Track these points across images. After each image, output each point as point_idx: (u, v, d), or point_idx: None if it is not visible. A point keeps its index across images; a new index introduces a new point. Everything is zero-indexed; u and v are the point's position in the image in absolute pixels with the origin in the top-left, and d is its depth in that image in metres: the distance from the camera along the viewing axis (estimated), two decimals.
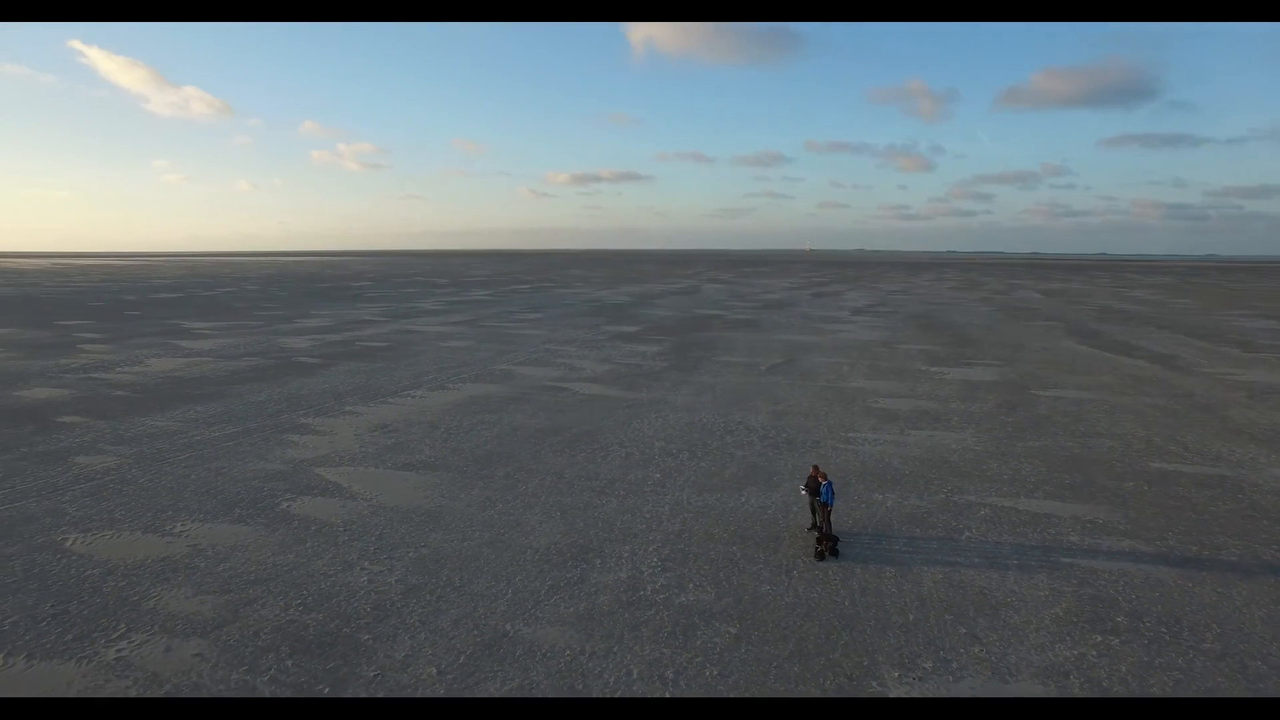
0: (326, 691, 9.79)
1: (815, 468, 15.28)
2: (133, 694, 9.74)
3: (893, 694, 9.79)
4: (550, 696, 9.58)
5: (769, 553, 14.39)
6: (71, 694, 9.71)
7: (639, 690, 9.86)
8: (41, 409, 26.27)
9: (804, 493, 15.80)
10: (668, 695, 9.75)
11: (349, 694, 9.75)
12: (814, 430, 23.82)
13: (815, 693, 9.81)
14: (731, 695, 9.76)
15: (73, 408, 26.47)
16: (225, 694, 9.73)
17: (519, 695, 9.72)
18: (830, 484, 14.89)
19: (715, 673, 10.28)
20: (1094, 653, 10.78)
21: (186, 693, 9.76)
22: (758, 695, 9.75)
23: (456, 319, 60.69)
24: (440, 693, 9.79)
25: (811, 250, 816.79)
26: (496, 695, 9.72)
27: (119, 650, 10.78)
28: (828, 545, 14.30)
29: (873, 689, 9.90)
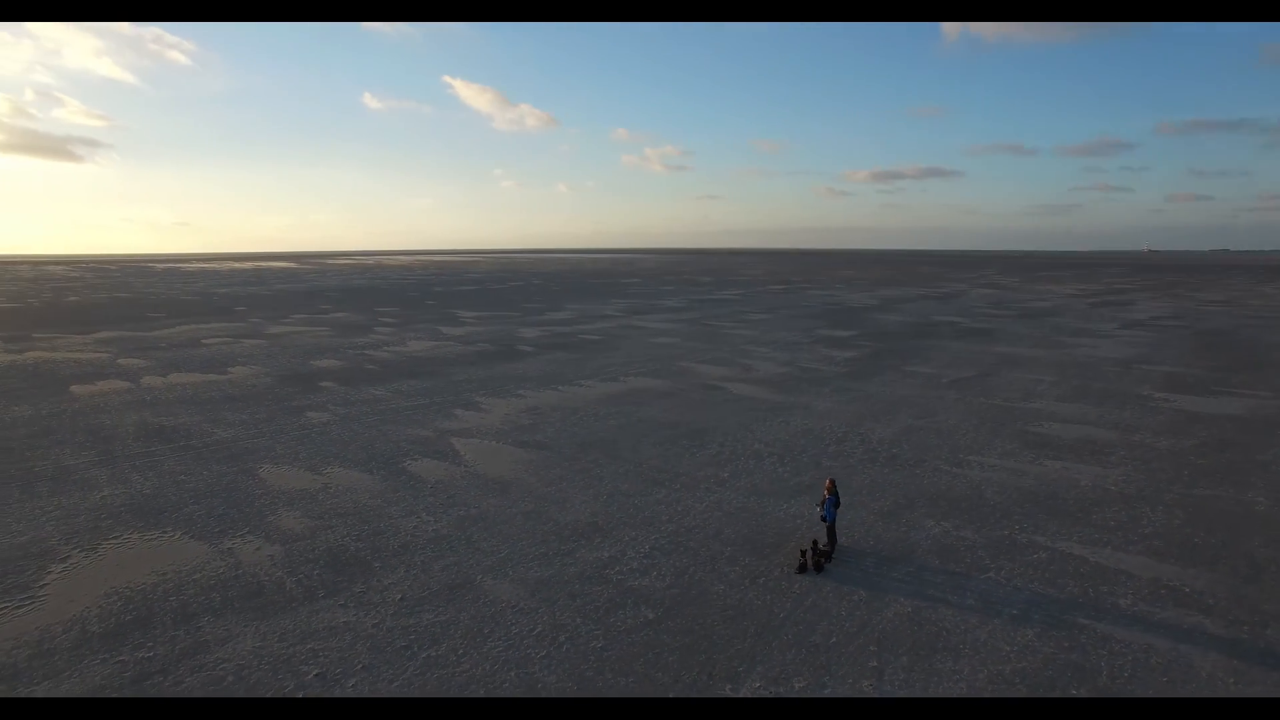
0: (321, 595, 12.98)
1: (830, 481, 14.97)
2: (220, 570, 13.93)
3: (740, 695, 9.99)
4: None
5: (758, 558, 14.58)
6: (187, 564, 14.21)
7: (528, 645, 11.39)
8: (317, 375, 34.99)
9: (818, 508, 15.55)
10: (544, 654, 11.15)
11: (334, 599, 12.81)
12: (933, 449, 22.06)
13: (666, 682, 10.40)
14: (594, 666, 10.80)
15: (334, 376, 34.82)
16: (264, 581, 13.44)
17: (439, 625, 11.91)
18: (834, 498, 14.56)
19: (599, 645, 11.35)
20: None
21: (247, 575, 13.67)
22: (617, 674, 10.66)
23: (685, 316, 64.32)
24: (389, 612, 12.38)
25: (1150, 251, 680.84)
26: (427, 623, 12.01)
27: (232, 543, 15.27)
28: (814, 560, 14.05)
29: (724, 691, 10.18)
